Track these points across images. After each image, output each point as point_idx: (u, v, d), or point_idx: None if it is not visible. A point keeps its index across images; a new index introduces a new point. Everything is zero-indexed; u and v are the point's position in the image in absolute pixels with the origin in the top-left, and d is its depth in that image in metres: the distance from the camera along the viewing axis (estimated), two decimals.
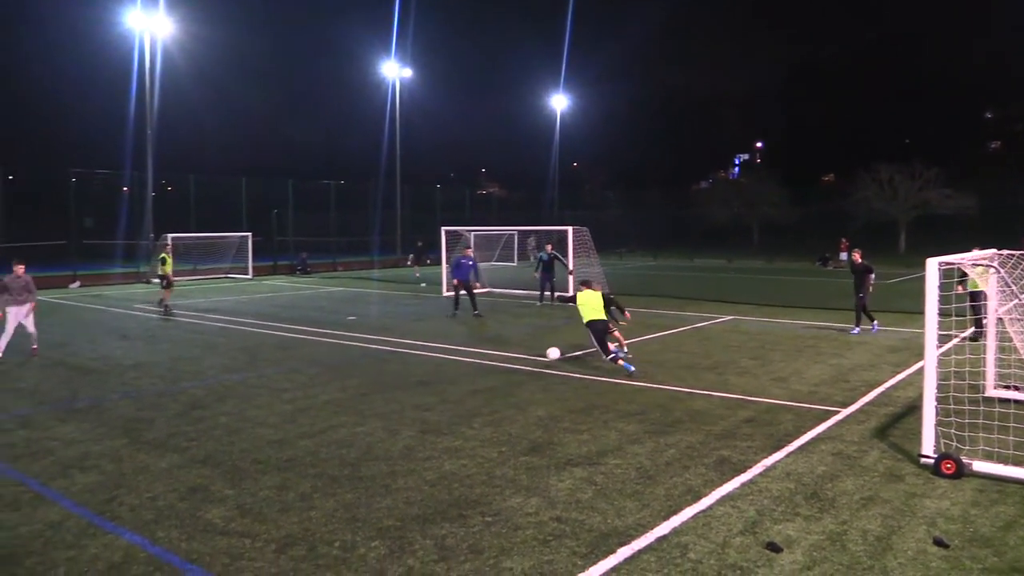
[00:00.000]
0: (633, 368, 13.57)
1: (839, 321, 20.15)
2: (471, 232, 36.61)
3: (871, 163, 60.02)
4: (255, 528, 7.10)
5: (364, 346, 17.04)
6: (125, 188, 50.36)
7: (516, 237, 48.18)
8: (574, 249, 26.15)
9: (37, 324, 16.18)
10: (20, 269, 15.42)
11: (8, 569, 6.39)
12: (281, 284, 35.39)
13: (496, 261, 47.35)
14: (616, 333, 14.77)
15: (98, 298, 28.69)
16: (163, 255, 25.02)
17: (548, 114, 69.43)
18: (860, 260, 18.34)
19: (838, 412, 10.96)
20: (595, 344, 14.06)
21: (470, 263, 22.25)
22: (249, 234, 40.16)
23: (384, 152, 62.47)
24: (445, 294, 28.55)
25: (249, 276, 38.70)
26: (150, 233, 38.44)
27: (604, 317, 14.14)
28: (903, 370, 13.92)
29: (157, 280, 34.68)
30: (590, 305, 14.23)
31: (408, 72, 55.29)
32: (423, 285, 32.70)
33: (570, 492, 7.89)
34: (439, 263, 31.80)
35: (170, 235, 35.95)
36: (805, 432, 9.95)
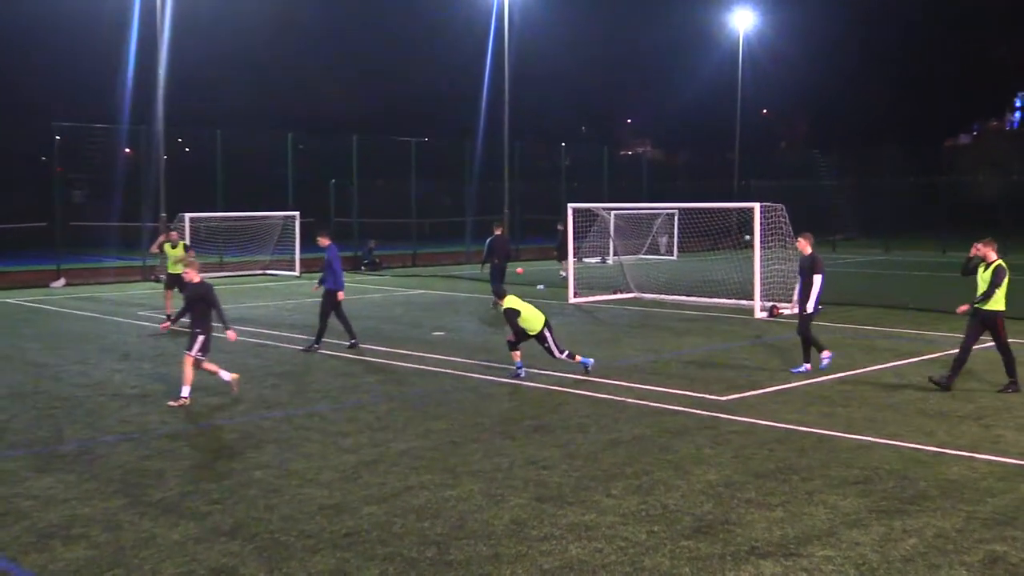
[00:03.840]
0: (592, 361, 16.54)
1: None
2: (610, 212, 36.61)
3: None
4: None
5: (456, 374, 17.23)
6: (127, 150, 52.75)
7: (676, 219, 47.82)
8: (761, 235, 25.75)
9: None
10: None
11: None
12: None
13: (647, 254, 47.17)
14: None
15: (90, 301, 30.06)
16: (167, 240, 25.28)
17: (726, 38, 68.67)
18: (808, 251, 17.38)
19: None
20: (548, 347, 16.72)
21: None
22: (297, 214, 41.28)
23: (485, 98, 63.09)
24: (571, 300, 28.63)
25: (296, 273, 39.79)
26: (161, 212, 40.02)
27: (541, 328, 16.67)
28: None
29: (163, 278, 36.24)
30: (530, 317, 16.71)
31: None
32: (541, 288, 32.88)
33: None
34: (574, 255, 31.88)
35: (187, 214, 37.31)
36: None
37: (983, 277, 15.44)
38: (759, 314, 24.95)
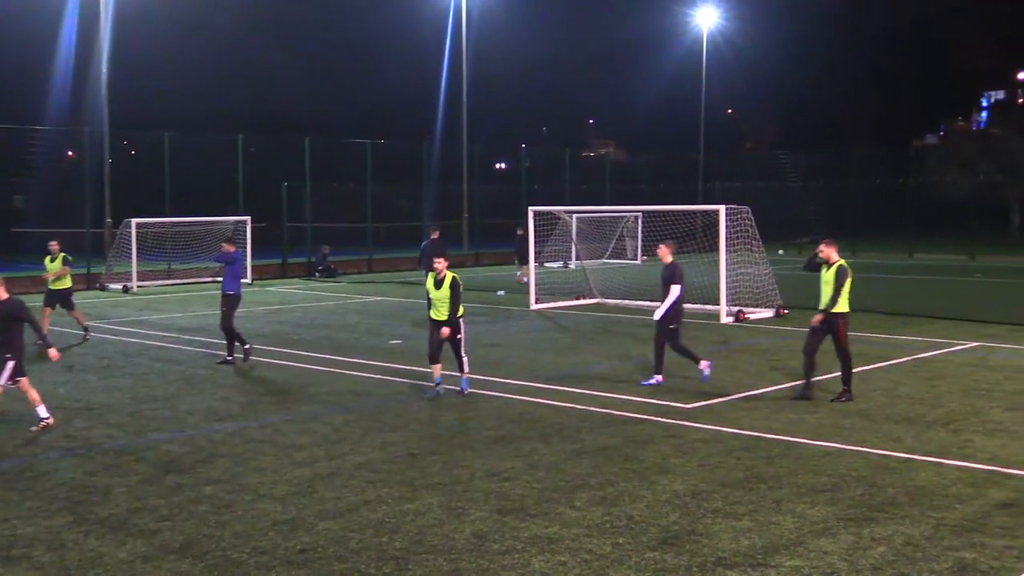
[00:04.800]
0: (468, 390, 15.82)
1: None
2: (572, 215, 36.72)
3: None
4: None
5: (415, 383, 17.21)
6: (70, 153, 52.29)
7: (640, 221, 48.03)
8: (727, 238, 25.93)
9: None
10: None
11: None
12: (294, 292, 36.12)
13: (610, 258, 47.34)
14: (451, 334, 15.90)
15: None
16: (48, 252, 23.64)
17: (690, 37, 69.14)
18: (669, 259, 17.06)
19: None
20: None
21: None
22: (248, 218, 41.10)
23: (442, 98, 63.13)
24: (533, 306, 28.69)
25: (248, 280, 39.59)
26: (106, 217, 39.74)
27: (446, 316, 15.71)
28: None
29: (120, 287, 36.00)
30: (437, 296, 15.88)
31: None
32: (500, 294, 32.93)
33: None
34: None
35: (134, 220, 37.10)
36: None
37: (825, 279, 15.39)
38: (725, 319, 25.10)
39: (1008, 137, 71.11)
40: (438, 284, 15.74)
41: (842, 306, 15.29)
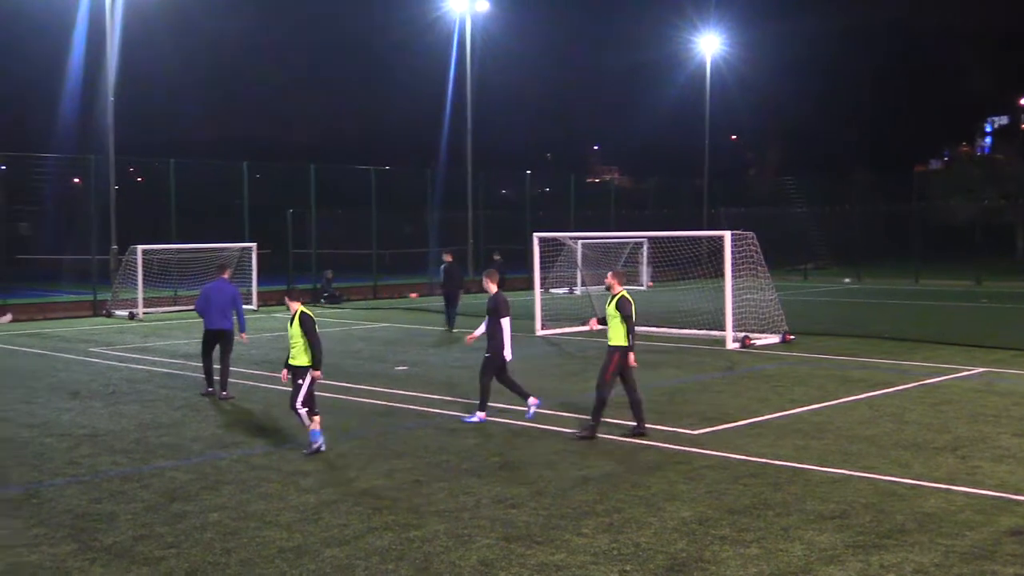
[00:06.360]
0: (321, 441, 13.78)
1: None
2: (577, 240, 36.73)
3: None
4: None
5: (420, 410, 17.19)
6: (76, 179, 52.49)
7: (646, 247, 48.06)
8: (732, 264, 25.91)
9: None
10: None
11: None
12: None
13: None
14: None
15: (37, 338, 29.83)
16: None
17: (693, 62, 69.31)
18: (495, 287, 16.42)
19: None
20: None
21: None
22: (253, 245, 41.20)
23: (446, 124, 63.24)
24: (538, 332, 28.66)
25: (253, 306, 39.64)
26: (112, 244, 39.82)
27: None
28: None
29: (126, 314, 36.06)
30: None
31: (484, 5, 56.09)
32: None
33: None
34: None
35: (140, 247, 37.19)
36: None
37: (609, 311, 14.87)
38: (731, 345, 25.06)
39: (1012, 162, 71.19)
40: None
41: (618, 338, 14.72)
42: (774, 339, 25.87)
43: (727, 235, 25.96)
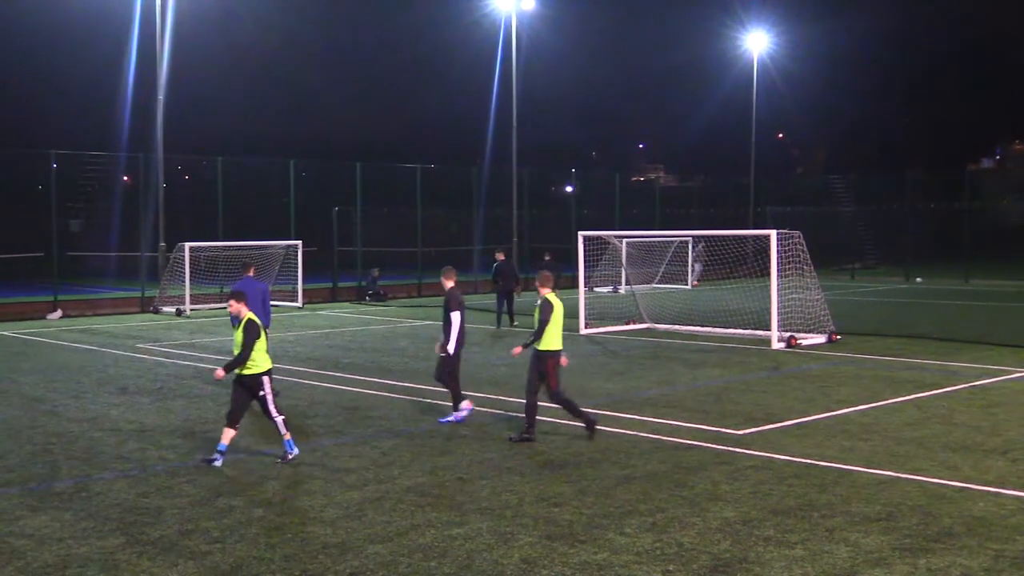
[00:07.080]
0: (296, 452, 13.35)
1: None
2: (622, 239, 36.66)
3: None
4: None
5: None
6: (125, 177, 53.01)
7: (690, 246, 47.91)
8: (778, 263, 25.76)
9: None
10: None
11: None
12: (344, 315, 36.29)
13: (659, 283, 47.19)
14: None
15: (87, 334, 30.16)
16: None
17: (740, 60, 68.94)
18: (450, 284, 16.56)
19: None
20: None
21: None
22: (299, 243, 41.46)
23: (492, 123, 63.34)
24: (583, 331, 28.62)
25: (299, 304, 39.90)
26: (160, 242, 40.17)
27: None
28: None
29: (173, 310, 36.42)
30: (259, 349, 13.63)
31: (531, 3, 56.07)
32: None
33: None
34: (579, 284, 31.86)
35: (187, 244, 37.50)
36: None
37: (535, 315, 14.73)
38: (776, 344, 24.91)
39: None
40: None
41: (550, 342, 14.60)
42: (820, 339, 25.68)
43: (773, 234, 25.82)
